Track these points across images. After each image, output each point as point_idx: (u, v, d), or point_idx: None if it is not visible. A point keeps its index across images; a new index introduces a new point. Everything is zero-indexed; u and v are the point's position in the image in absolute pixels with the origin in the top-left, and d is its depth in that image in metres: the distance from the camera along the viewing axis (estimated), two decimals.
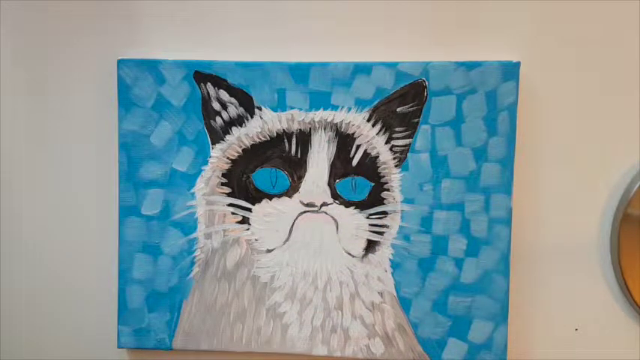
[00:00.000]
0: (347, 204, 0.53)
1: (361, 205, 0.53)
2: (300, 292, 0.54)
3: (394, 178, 0.53)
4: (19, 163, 0.57)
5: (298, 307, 0.54)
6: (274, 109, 0.53)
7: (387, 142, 0.53)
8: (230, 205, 0.54)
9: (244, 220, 0.54)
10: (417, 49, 0.53)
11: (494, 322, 0.53)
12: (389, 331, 0.54)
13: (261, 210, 0.53)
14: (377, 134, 0.53)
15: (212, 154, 0.54)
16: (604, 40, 0.53)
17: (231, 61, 0.53)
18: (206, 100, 0.53)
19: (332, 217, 0.53)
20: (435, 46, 0.53)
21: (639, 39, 0.53)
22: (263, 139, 0.53)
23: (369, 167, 0.53)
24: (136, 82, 0.53)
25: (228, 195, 0.54)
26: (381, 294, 0.54)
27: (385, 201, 0.53)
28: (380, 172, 0.53)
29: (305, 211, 0.53)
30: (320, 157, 0.53)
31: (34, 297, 0.58)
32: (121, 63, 0.53)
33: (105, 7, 0.55)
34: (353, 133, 0.53)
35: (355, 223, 0.53)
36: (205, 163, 0.54)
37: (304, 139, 0.53)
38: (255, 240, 0.54)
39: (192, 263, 0.54)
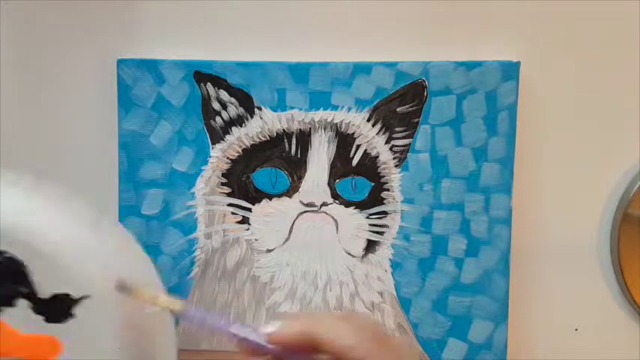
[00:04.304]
0: (347, 204, 0.53)
1: (361, 205, 0.53)
2: (300, 292, 0.54)
3: (394, 178, 0.53)
4: (18, 163, 0.57)
5: (298, 307, 0.54)
6: (274, 109, 0.53)
7: (387, 142, 0.53)
8: (230, 205, 0.54)
9: (244, 220, 0.54)
10: (416, 49, 0.53)
11: (494, 322, 0.53)
12: (389, 331, 0.54)
13: (261, 210, 0.53)
14: (377, 134, 0.53)
15: (212, 154, 0.54)
16: (604, 40, 0.53)
17: (231, 61, 0.53)
18: (206, 100, 0.53)
19: (332, 217, 0.53)
20: (435, 45, 0.53)
21: (639, 39, 0.53)
22: (263, 139, 0.53)
23: (369, 167, 0.53)
24: (135, 82, 0.53)
25: (228, 195, 0.54)
26: (380, 294, 0.54)
27: (385, 201, 0.53)
28: (380, 172, 0.53)
29: (305, 211, 0.53)
30: (320, 157, 0.53)
31: None
32: (120, 63, 0.53)
33: (105, 7, 0.55)
34: (353, 133, 0.53)
35: (355, 222, 0.53)
36: (205, 163, 0.54)
37: (304, 139, 0.53)
38: (255, 240, 0.54)
39: (192, 263, 0.54)
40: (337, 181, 0.53)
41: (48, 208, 0.39)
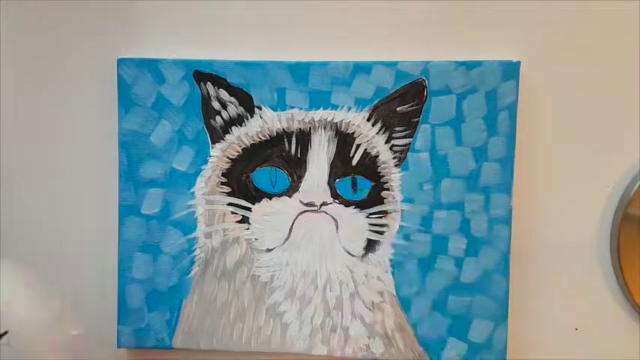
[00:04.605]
0: (347, 203, 0.53)
1: (361, 205, 0.53)
2: (300, 292, 0.54)
3: (394, 177, 0.53)
4: (18, 162, 0.57)
5: (298, 307, 0.54)
6: (274, 109, 0.53)
7: (386, 142, 0.53)
8: (230, 204, 0.54)
9: (244, 220, 0.54)
10: (416, 49, 0.53)
11: (494, 322, 0.53)
12: (389, 331, 0.54)
13: (261, 209, 0.53)
14: (377, 134, 0.53)
15: (212, 153, 0.54)
16: (604, 40, 0.53)
17: (231, 61, 0.53)
18: (206, 100, 0.53)
19: (332, 216, 0.53)
20: (435, 45, 0.53)
21: (639, 39, 0.53)
22: (263, 138, 0.53)
23: (369, 167, 0.53)
24: (135, 81, 0.53)
25: (228, 194, 0.54)
26: (380, 294, 0.54)
27: (385, 200, 0.53)
28: (380, 172, 0.53)
29: (305, 211, 0.53)
30: (320, 156, 0.53)
31: None
32: (120, 62, 0.53)
33: (105, 7, 0.55)
34: (353, 133, 0.53)
35: (355, 222, 0.53)
36: (205, 162, 0.54)
37: (304, 138, 0.53)
38: (255, 239, 0.54)
39: (192, 263, 0.54)
40: (337, 180, 0.53)
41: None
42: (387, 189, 0.53)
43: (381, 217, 0.53)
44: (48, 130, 0.56)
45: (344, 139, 0.53)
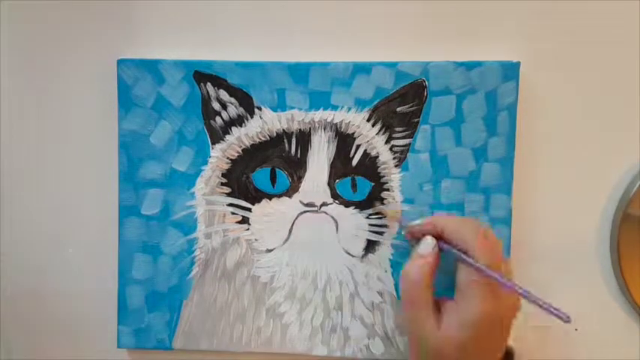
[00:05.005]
0: (347, 204, 0.53)
1: (361, 205, 0.53)
2: (300, 292, 0.54)
3: (394, 178, 0.53)
4: (18, 162, 0.57)
5: (298, 307, 0.54)
6: (274, 109, 0.53)
7: (386, 142, 0.53)
8: (230, 205, 0.54)
9: (244, 220, 0.54)
10: (417, 49, 0.53)
11: None
12: (389, 331, 0.54)
13: (261, 210, 0.53)
14: (377, 134, 0.53)
15: (212, 154, 0.54)
16: (604, 40, 0.53)
17: (231, 61, 0.53)
18: (206, 100, 0.53)
19: (332, 217, 0.53)
20: (435, 46, 0.53)
21: (639, 39, 0.52)
22: (263, 139, 0.53)
23: (369, 167, 0.53)
24: (135, 82, 0.53)
25: (228, 195, 0.54)
26: (380, 294, 0.54)
27: (385, 201, 0.53)
28: (380, 172, 0.53)
29: (305, 211, 0.53)
30: (320, 157, 0.53)
31: (34, 297, 0.58)
32: (120, 63, 0.53)
33: (105, 7, 0.55)
34: (353, 133, 0.53)
35: (355, 223, 0.53)
36: (205, 163, 0.54)
37: (304, 139, 0.53)
38: (255, 240, 0.54)
39: (192, 263, 0.54)
40: (337, 181, 0.53)
41: None
42: (387, 189, 0.53)
43: (381, 218, 0.53)
44: (48, 131, 0.56)
45: (344, 140, 0.53)
